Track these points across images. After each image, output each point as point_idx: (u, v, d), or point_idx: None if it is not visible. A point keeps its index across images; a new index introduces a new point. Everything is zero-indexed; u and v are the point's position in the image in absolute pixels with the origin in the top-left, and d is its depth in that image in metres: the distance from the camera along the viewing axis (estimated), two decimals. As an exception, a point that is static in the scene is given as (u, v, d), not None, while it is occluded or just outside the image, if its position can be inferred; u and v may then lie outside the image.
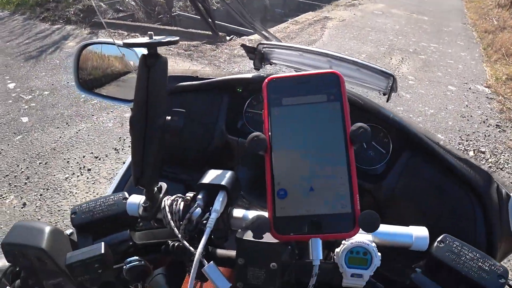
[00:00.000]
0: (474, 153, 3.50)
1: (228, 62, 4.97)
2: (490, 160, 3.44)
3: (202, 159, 1.06)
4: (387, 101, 0.99)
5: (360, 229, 0.48)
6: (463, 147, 3.57)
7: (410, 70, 5.31)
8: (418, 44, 6.72)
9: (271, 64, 1.16)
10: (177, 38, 0.60)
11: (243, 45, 1.17)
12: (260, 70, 1.14)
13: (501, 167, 3.40)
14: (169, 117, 0.61)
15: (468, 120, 4.08)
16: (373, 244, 0.56)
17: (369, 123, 0.96)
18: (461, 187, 0.85)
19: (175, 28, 6.54)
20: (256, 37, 5.94)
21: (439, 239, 0.61)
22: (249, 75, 1.04)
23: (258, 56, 1.11)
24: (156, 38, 0.58)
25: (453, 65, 5.83)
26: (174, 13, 7.95)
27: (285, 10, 11.31)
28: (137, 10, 7.40)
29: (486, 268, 0.57)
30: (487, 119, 4.19)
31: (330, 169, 0.50)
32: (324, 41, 6.22)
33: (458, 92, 4.80)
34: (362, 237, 0.57)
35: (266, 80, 0.54)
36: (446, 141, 3.12)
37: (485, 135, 3.84)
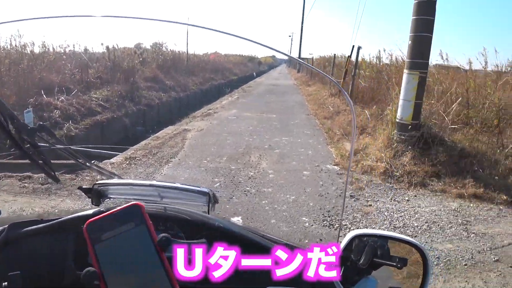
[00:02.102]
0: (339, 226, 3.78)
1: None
2: (352, 228, 3.74)
3: None
4: (208, 213, 1.14)
5: None
6: (328, 223, 3.84)
7: (269, 164, 5.73)
8: (271, 140, 7.38)
9: (109, 199, 1.28)
10: None
11: (80, 188, 1.31)
12: (100, 205, 1.23)
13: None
14: (5, 283, 0.68)
15: (326, 197, 4.47)
16: None
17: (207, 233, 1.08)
18: None
19: (28, 161, 6.08)
20: (117, 159, 5.86)
21: None
22: (90, 212, 1.09)
23: (95, 194, 1.24)
24: None
25: (304, 153, 6.49)
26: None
27: (145, 127, 11.60)
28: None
29: None
30: (342, 193, 4.64)
31: (152, 274, 0.64)
32: (186, 151, 6.41)
33: (312, 175, 5.29)
34: None
35: (85, 225, 0.66)
36: (310, 223, 3.26)
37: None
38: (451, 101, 6.94)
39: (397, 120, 6.01)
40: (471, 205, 4.44)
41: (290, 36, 79.38)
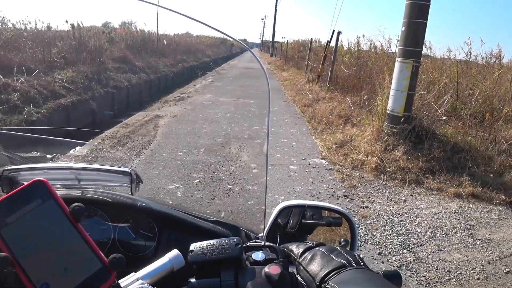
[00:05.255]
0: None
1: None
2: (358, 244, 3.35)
3: None
4: (132, 194, 1.09)
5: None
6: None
7: (250, 157, 5.25)
8: (250, 128, 6.88)
9: None
10: None
11: None
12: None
13: (363, 240, 3.34)
14: None
15: (318, 197, 4.05)
16: (145, 284, 0.62)
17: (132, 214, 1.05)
18: None
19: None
20: (82, 151, 5.23)
21: (189, 250, 0.72)
22: None
23: (6, 181, 1.14)
24: None
25: (288, 144, 6.04)
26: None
27: (114, 112, 10.86)
28: None
29: (227, 245, 0.70)
30: (334, 192, 4.24)
31: (71, 246, 0.56)
32: (159, 141, 5.84)
33: (300, 170, 4.85)
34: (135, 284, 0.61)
35: None
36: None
37: (337, 210, 3.80)
38: (439, 93, 6.63)
39: (388, 112, 5.64)
40: (471, 206, 4.14)
41: (262, 19, 78.48)
